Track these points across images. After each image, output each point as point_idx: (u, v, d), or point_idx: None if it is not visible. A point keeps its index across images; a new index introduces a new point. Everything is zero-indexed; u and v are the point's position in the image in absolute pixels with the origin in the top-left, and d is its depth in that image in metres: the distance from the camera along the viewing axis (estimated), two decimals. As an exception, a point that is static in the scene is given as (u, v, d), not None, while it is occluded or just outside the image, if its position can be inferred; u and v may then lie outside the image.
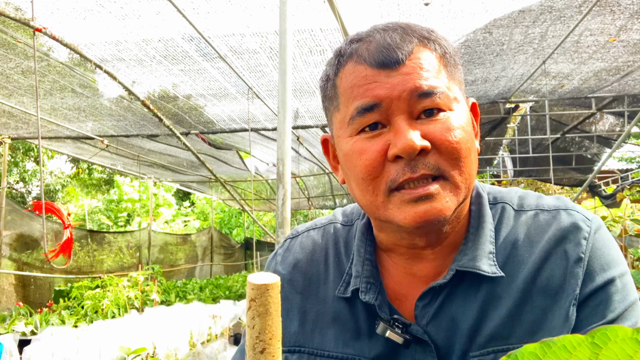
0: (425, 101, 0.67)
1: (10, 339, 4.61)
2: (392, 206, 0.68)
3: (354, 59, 0.70)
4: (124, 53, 4.58)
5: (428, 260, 0.76)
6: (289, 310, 0.83)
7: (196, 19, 3.93)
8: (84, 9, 3.72)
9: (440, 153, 0.67)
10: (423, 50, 0.70)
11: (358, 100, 0.69)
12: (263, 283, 0.37)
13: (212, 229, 14.45)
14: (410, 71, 0.67)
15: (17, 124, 6.73)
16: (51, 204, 6.18)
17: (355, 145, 0.70)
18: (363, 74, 0.69)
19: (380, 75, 0.68)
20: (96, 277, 8.25)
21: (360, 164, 0.69)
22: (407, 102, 0.67)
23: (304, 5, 3.68)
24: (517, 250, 0.73)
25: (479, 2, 3.74)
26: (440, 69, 0.70)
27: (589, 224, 0.72)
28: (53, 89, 5.49)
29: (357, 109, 0.69)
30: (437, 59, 0.70)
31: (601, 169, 8.88)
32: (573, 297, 0.68)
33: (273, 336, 0.37)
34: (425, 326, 0.73)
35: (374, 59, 0.68)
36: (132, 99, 5.67)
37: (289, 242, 0.91)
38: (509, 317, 0.70)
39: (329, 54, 4.59)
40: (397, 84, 0.67)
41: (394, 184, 0.67)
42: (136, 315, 6.24)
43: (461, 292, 0.73)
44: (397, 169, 0.67)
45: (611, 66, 5.25)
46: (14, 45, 4.37)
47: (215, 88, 5.57)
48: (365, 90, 0.68)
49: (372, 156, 0.68)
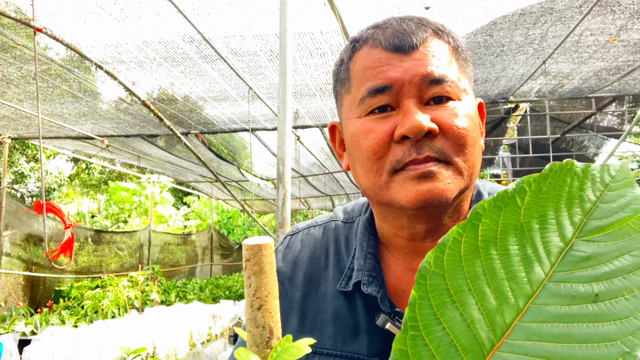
0: (435, 88, 0.68)
1: (10, 339, 4.62)
2: (395, 185, 0.69)
3: (369, 43, 0.72)
4: (124, 55, 4.58)
5: (428, 251, 0.76)
6: (289, 307, 0.83)
7: (196, 20, 3.93)
8: (84, 11, 3.72)
9: (447, 138, 0.68)
10: (437, 40, 0.71)
11: (370, 81, 0.70)
12: (256, 243, 0.38)
13: (212, 229, 14.46)
14: (423, 57, 0.69)
15: (17, 125, 6.74)
16: (52, 204, 6.18)
17: (363, 125, 0.71)
18: (377, 57, 0.70)
19: (394, 58, 0.69)
20: (96, 277, 8.26)
21: (366, 144, 0.70)
22: (418, 86, 0.68)
23: (305, 8, 3.68)
24: None
25: (480, 6, 3.74)
26: (452, 60, 0.72)
27: None
28: (54, 94, 5.50)
29: (369, 90, 0.70)
30: (449, 51, 0.72)
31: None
32: None
33: (269, 293, 0.38)
34: None
35: (389, 42, 0.70)
36: (132, 101, 5.67)
37: (290, 239, 0.91)
38: None
39: (330, 57, 4.59)
40: (410, 68, 0.68)
41: (399, 164, 0.68)
42: (136, 315, 6.24)
43: None
44: (404, 149, 0.68)
45: (611, 66, 5.25)
46: (13, 47, 4.37)
47: (215, 90, 5.57)
48: (378, 72, 0.69)
49: (379, 135, 0.69)
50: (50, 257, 5.58)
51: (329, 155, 8.93)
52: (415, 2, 3.70)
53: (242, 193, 12.87)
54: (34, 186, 15.75)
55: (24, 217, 7.83)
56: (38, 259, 7.85)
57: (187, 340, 6.02)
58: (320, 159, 9.32)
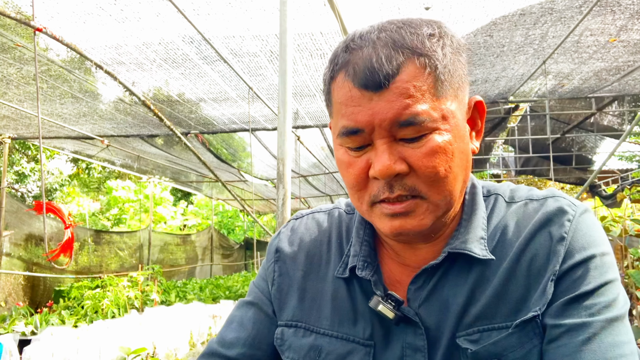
0: (405, 130, 0.67)
1: (10, 339, 4.61)
2: (374, 216, 0.73)
3: (344, 72, 0.70)
4: (124, 57, 4.58)
5: (421, 252, 0.78)
6: (289, 285, 0.85)
7: (196, 20, 3.93)
8: (84, 12, 3.71)
9: (418, 176, 0.68)
10: (411, 69, 0.67)
11: (344, 120, 0.70)
12: None
13: (212, 229, 14.46)
14: (392, 98, 0.66)
15: (17, 125, 6.74)
16: (52, 204, 6.17)
17: (343, 157, 0.73)
18: (349, 94, 0.69)
19: (364, 98, 0.68)
20: (96, 277, 8.26)
21: (348, 175, 0.73)
22: (388, 129, 0.67)
23: (305, 9, 3.67)
24: (506, 235, 0.76)
25: (480, 7, 3.74)
26: (429, 86, 0.67)
27: (574, 208, 0.74)
28: (54, 94, 5.50)
29: (344, 129, 0.70)
30: (425, 76, 0.67)
31: (601, 169, 8.88)
32: (552, 272, 0.70)
33: None
34: (417, 308, 0.75)
35: (359, 80, 0.68)
36: (132, 101, 5.67)
37: (294, 222, 0.93)
38: (495, 296, 0.72)
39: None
40: (378, 112, 0.67)
41: (375, 199, 0.71)
42: (136, 315, 6.24)
43: (453, 275, 0.75)
44: (378, 186, 0.70)
45: (611, 66, 5.25)
46: (14, 48, 4.37)
47: (215, 92, 5.57)
48: (351, 113, 0.69)
49: (356, 172, 0.71)
50: (50, 257, 5.58)
51: (328, 155, 8.94)
52: (415, 3, 3.70)
53: (242, 193, 12.87)
54: (34, 186, 15.76)
55: (24, 217, 7.83)
56: (38, 259, 7.85)
57: (187, 340, 6.02)
58: (320, 159, 9.33)
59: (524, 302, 0.71)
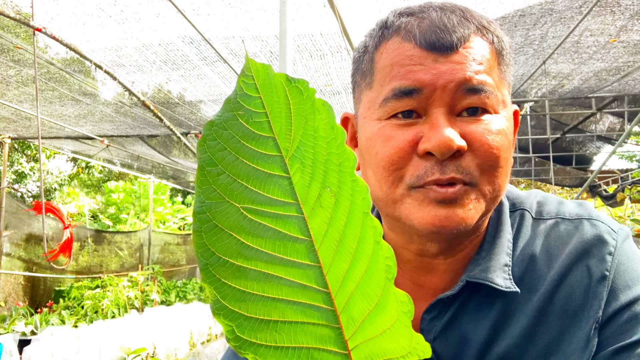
0: (471, 97, 0.60)
1: (10, 339, 4.62)
2: (412, 202, 0.62)
3: (401, 34, 0.63)
4: (124, 59, 4.58)
5: (439, 272, 0.70)
6: None
7: (196, 20, 3.93)
8: (84, 13, 3.71)
9: (475, 156, 0.60)
10: (480, 40, 0.62)
11: (397, 80, 0.61)
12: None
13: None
14: (462, 60, 0.60)
15: (17, 126, 6.74)
16: (50, 204, 6.18)
17: (382, 130, 0.63)
18: (408, 53, 0.61)
19: (428, 58, 0.60)
20: (96, 277, 8.26)
21: (384, 152, 0.62)
22: (452, 94, 0.60)
23: (305, 9, 3.67)
24: (535, 264, 0.67)
25: (480, 8, 3.74)
26: (494, 65, 0.63)
27: (615, 237, 0.65)
28: (53, 95, 5.50)
29: (394, 91, 0.61)
30: (492, 54, 0.63)
31: (601, 169, 8.88)
32: (595, 319, 0.62)
33: None
34: (432, 341, 0.67)
35: (425, 38, 0.60)
36: (131, 101, 5.67)
37: None
38: (522, 337, 0.64)
39: (330, 59, 4.58)
40: (445, 72, 0.59)
41: (419, 181, 0.60)
42: (136, 315, 6.25)
43: (473, 306, 0.67)
44: (427, 166, 0.60)
45: (611, 66, 5.25)
46: (13, 50, 4.37)
47: (215, 93, 5.57)
48: (408, 72, 0.61)
49: (399, 145, 0.61)
50: (49, 257, 5.58)
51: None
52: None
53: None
54: (34, 186, 15.76)
55: (24, 217, 7.83)
56: (38, 259, 7.85)
57: (187, 340, 6.02)
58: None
59: (556, 347, 0.63)
